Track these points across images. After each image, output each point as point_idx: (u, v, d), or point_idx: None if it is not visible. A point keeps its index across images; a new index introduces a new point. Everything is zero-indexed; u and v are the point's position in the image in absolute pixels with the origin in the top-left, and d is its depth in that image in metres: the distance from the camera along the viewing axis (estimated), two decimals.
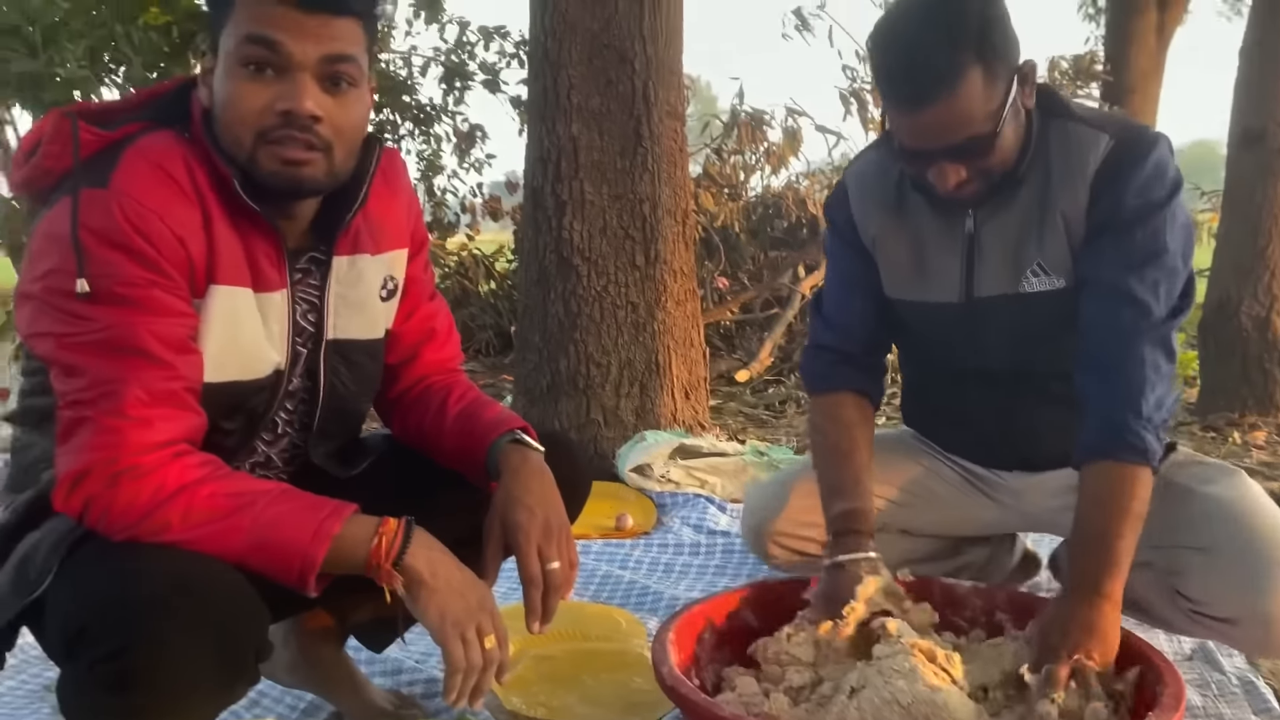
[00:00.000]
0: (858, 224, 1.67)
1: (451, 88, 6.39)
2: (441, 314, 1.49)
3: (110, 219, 1.06)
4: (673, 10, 3.21)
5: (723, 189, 5.99)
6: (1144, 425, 1.40)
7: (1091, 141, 1.48)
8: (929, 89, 1.36)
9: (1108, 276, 1.46)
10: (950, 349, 1.67)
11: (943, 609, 1.55)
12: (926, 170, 1.45)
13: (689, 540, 2.62)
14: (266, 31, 1.10)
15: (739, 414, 4.34)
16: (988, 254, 1.56)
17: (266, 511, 1.08)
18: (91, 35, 3.95)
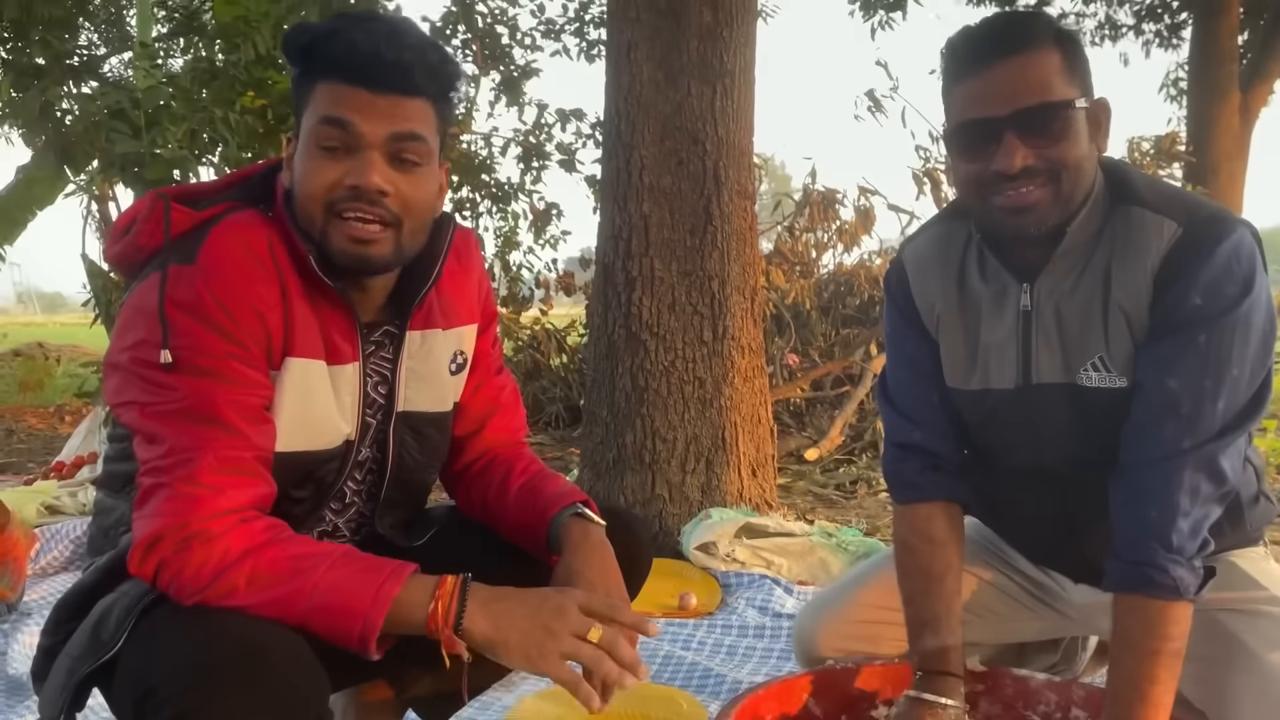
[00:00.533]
0: (919, 304, 1.55)
1: (529, 167, 6.58)
2: (508, 388, 1.52)
3: (195, 293, 1.12)
4: (743, 93, 3.27)
5: (794, 266, 6.01)
6: (1173, 559, 1.28)
7: (1156, 229, 1.33)
8: (1005, 42, 1.29)
9: (1158, 383, 1.31)
10: (1008, 445, 1.53)
11: (1014, 702, 1.49)
12: (993, 154, 1.30)
13: (753, 622, 2.58)
14: (339, 113, 1.16)
15: (808, 493, 4.28)
16: (1045, 335, 1.42)
17: (328, 575, 1.10)
18: (192, 118, 4.17)
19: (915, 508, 1.54)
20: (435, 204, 1.26)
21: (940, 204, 5.67)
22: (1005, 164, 1.30)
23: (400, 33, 1.18)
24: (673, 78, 3.17)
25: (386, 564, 1.13)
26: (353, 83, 1.16)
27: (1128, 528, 1.32)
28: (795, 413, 5.42)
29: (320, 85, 1.18)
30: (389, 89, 1.17)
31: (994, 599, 1.67)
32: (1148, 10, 10.61)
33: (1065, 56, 1.30)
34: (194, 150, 4.08)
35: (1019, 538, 1.68)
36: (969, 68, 1.33)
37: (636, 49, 3.18)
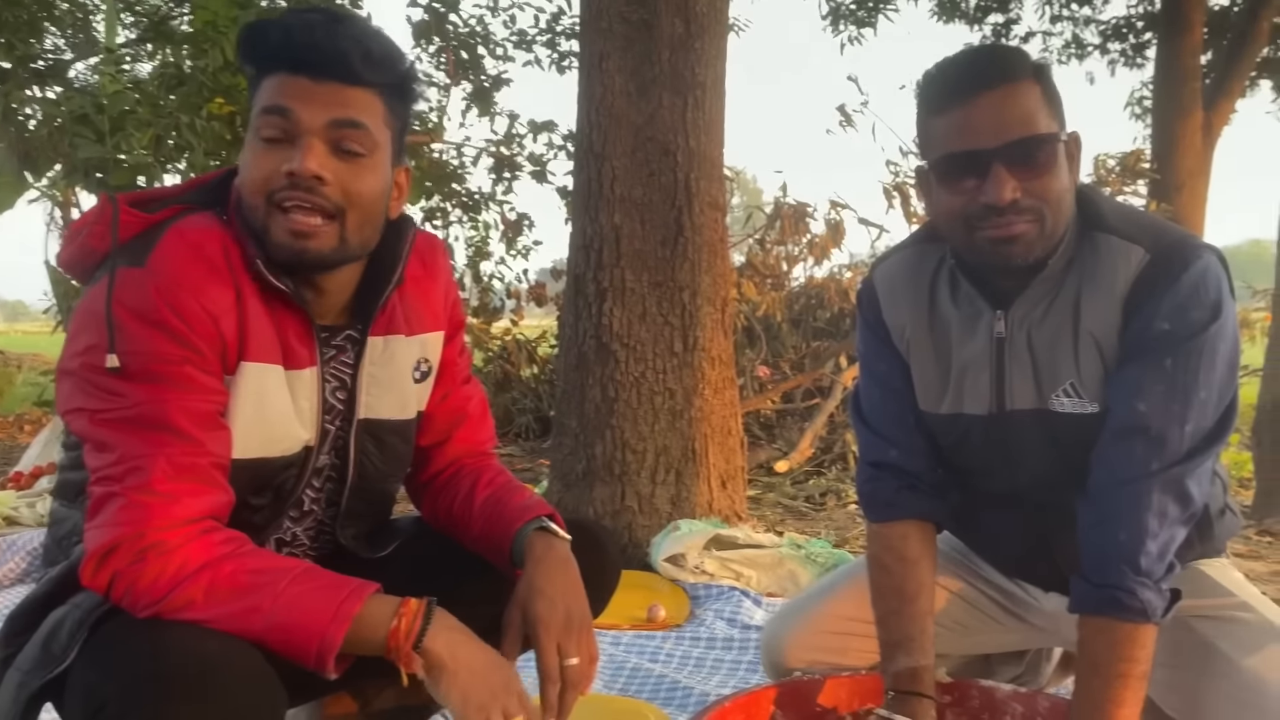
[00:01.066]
0: (889, 326, 1.55)
1: (501, 177, 6.56)
2: (476, 398, 1.50)
3: (145, 297, 1.09)
4: (715, 105, 3.28)
5: (765, 278, 6.03)
6: (1141, 582, 1.28)
7: (1124, 256, 1.34)
8: (989, 74, 1.29)
9: (1127, 407, 1.32)
10: (981, 468, 1.54)
11: (980, 713, 1.49)
12: (979, 187, 1.30)
13: (722, 634, 2.57)
14: (278, 100, 1.14)
15: (778, 505, 4.28)
16: (1018, 362, 1.43)
17: (287, 591, 1.08)
18: (158, 124, 4.12)
19: (890, 526, 1.54)
20: (387, 202, 1.24)
21: (910, 218, 5.72)
22: (995, 196, 1.29)
23: (340, 22, 1.17)
24: (644, 89, 3.17)
25: (348, 582, 1.11)
26: (294, 72, 1.15)
27: (1096, 550, 1.33)
28: (765, 425, 5.43)
29: (266, 79, 1.17)
30: (329, 77, 1.15)
31: (963, 612, 1.67)
32: (1113, 30, 10.77)
33: (1044, 90, 1.31)
34: (159, 157, 4.03)
35: (992, 552, 1.68)
36: (953, 99, 1.32)
37: (608, 60, 3.18)
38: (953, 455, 1.55)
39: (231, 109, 4.39)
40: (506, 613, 1.26)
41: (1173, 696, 1.43)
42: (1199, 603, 1.44)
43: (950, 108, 1.32)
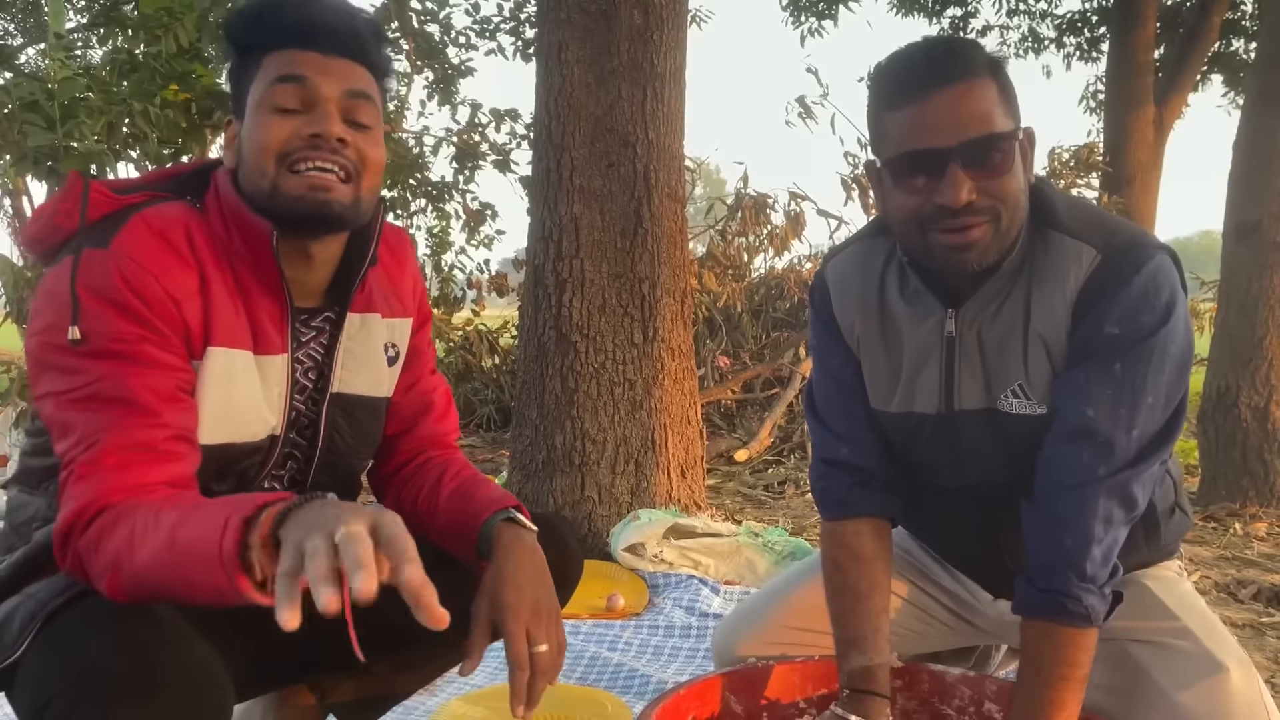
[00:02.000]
0: (840, 322, 1.53)
1: (463, 167, 6.52)
2: (441, 389, 1.51)
3: (107, 277, 1.10)
4: (675, 96, 3.29)
5: (726, 269, 6.06)
6: (1085, 588, 1.28)
7: (1075, 256, 1.31)
8: (947, 70, 1.25)
9: (1074, 410, 1.30)
10: (931, 465, 1.52)
11: (930, 698, 1.52)
12: (935, 187, 1.26)
13: (680, 622, 2.59)
14: (297, 70, 1.17)
15: (737, 494, 4.31)
16: (968, 362, 1.41)
17: (189, 515, 0.99)
18: (110, 111, 4.05)
19: (843, 524, 1.52)
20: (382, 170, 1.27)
21: (868, 210, 5.77)
22: (951, 197, 1.25)
23: (348, 6, 1.23)
24: (603, 80, 3.17)
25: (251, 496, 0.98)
26: (306, 48, 1.18)
27: (1041, 553, 1.32)
28: (725, 414, 5.47)
29: (270, 56, 1.19)
30: (340, 53, 1.19)
31: (911, 617, 1.68)
32: (1068, 24, 10.92)
33: (1000, 85, 1.27)
34: (112, 145, 3.96)
35: (943, 548, 1.69)
36: (908, 95, 1.27)
37: (567, 50, 3.18)
38: (903, 452, 1.55)
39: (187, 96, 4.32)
40: (475, 601, 1.26)
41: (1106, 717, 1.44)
42: (1138, 624, 1.43)
43: (905, 104, 1.27)
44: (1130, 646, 1.42)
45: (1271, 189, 4.14)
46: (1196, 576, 3.19)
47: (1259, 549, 3.58)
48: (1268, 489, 4.11)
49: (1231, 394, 4.19)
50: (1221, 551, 3.52)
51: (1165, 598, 1.47)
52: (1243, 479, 4.14)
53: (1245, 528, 3.86)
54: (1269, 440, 4.13)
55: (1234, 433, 4.18)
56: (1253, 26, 9.48)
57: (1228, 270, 4.32)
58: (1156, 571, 1.52)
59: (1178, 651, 1.40)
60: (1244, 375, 4.17)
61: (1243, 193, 4.25)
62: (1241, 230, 4.21)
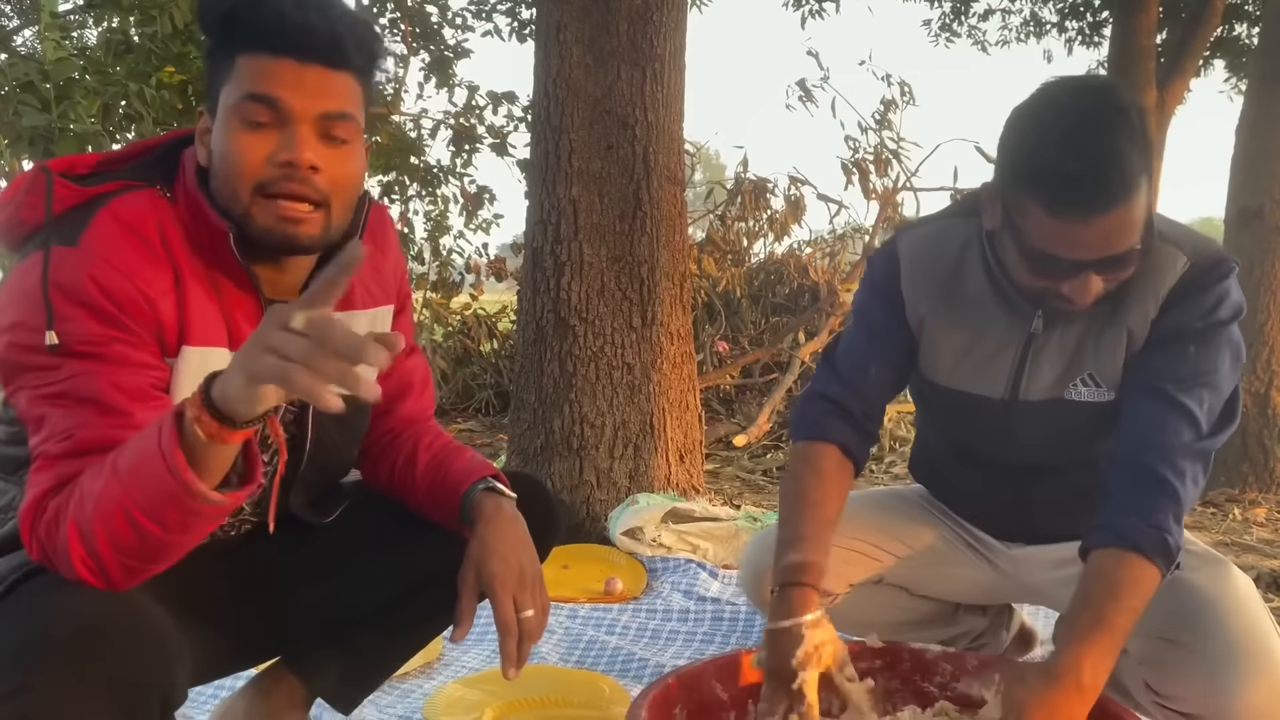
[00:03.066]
0: (906, 299, 1.59)
1: (460, 150, 6.48)
2: (419, 368, 1.50)
3: (76, 278, 1.07)
4: (674, 78, 3.26)
5: (725, 254, 6.04)
6: (1179, 531, 1.37)
7: (1170, 261, 1.45)
8: (1114, 194, 1.28)
9: (1159, 384, 1.43)
10: (979, 444, 1.62)
11: (911, 675, 1.52)
12: (1066, 282, 1.36)
13: (678, 606, 2.59)
14: (266, 90, 1.11)
15: (735, 479, 4.31)
16: (1045, 358, 1.52)
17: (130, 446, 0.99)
18: (106, 92, 4.02)
19: (811, 444, 1.59)
20: (360, 182, 1.23)
21: (868, 194, 5.74)
22: (1081, 299, 1.38)
23: (329, 3, 1.14)
24: (602, 61, 3.15)
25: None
26: (279, 54, 1.11)
27: (1135, 499, 1.38)
28: (725, 399, 5.46)
29: (243, 58, 1.12)
30: (318, 61, 1.12)
31: (937, 542, 1.76)
32: (1070, 8, 10.86)
33: (1148, 175, 1.31)
34: (108, 126, 3.93)
35: (967, 509, 1.76)
36: (1066, 210, 1.29)
37: (565, 30, 3.15)
38: (958, 428, 1.64)
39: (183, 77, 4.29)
40: (461, 572, 1.29)
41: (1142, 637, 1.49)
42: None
43: (1062, 219, 1.30)
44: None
45: (1273, 174, 4.12)
46: None
47: (1258, 534, 3.58)
48: (1267, 475, 4.11)
49: None
50: (1221, 537, 3.52)
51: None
52: (1242, 464, 4.14)
53: (1244, 513, 3.86)
54: (1269, 426, 4.12)
55: None
56: (1256, 11, 9.42)
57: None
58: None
59: (1187, 550, 1.48)
60: (1245, 362, 4.16)
61: (1245, 178, 4.22)
62: (1243, 215, 4.19)
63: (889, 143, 5.71)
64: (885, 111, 5.73)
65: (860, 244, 6.07)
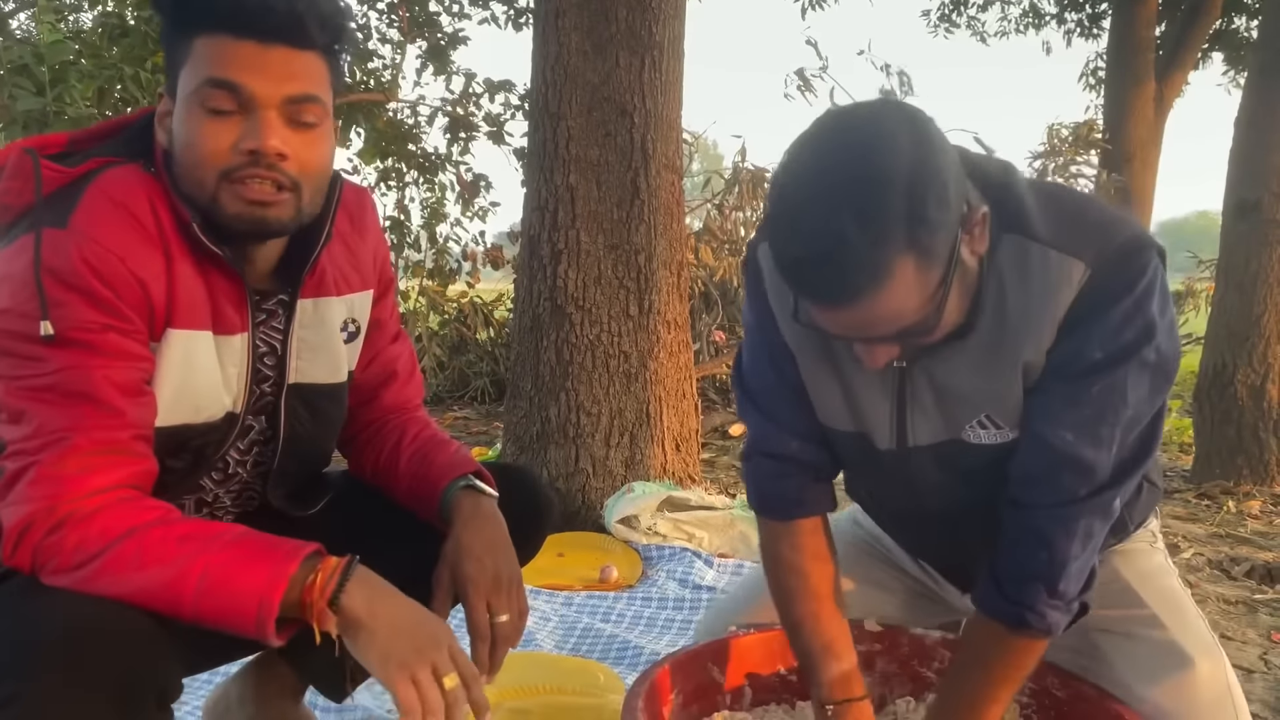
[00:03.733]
0: (779, 324, 1.35)
1: (456, 138, 6.46)
2: (404, 355, 1.46)
3: (68, 261, 1.03)
4: (673, 66, 3.25)
5: (723, 244, 6.03)
6: (1054, 604, 1.22)
7: (1063, 275, 1.16)
8: (849, 290, 1.06)
9: (1052, 433, 1.20)
10: (887, 490, 1.44)
11: (909, 661, 1.52)
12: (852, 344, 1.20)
13: (673, 594, 2.59)
14: (228, 75, 1.07)
15: (731, 468, 4.31)
16: (921, 398, 1.28)
17: (220, 555, 1.03)
18: (101, 76, 4.00)
19: (799, 524, 1.39)
20: (330, 165, 1.20)
21: None
22: (870, 362, 1.19)
23: None
24: (601, 48, 3.13)
25: (284, 543, 1.06)
26: (240, 35, 1.06)
27: (1013, 564, 1.25)
28: (721, 389, 5.46)
29: (201, 39, 1.08)
30: (280, 41, 1.08)
31: (884, 605, 1.61)
32: (1070, 0, 10.84)
33: (920, 253, 1.05)
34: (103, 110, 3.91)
35: (908, 548, 1.61)
36: (806, 297, 1.12)
37: (564, 17, 3.14)
38: (855, 472, 1.46)
39: None
40: (436, 572, 1.26)
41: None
42: (1106, 613, 1.37)
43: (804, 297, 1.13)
44: (1097, 636, 1.39)
45: (1271, 167, 4.12)
46: (1190, 553, 3.19)
47: (1252, 526, 3.59)
48: (1262, 467, 4.12)
49: (1228, 372, 4.18)
50: (1215, 529, 3.53)
51: (1134, 580, 1.42)
52: (1237, 457, 4.14)
53: (1239, 505, 3.87)
54: (1264, 418, 4.13)
55: (1229, 410, 4.17)
56: (1255, 4, 9.41)
57: (1226, 248, 4.30)
58: (1127, 545, 1.46)
59: (1144, 642, 1.36)
60: (1240, 353, 4.16)
61: (1243, 170, 4.22)
62: (1241, 208, 4.19)
63: None
64: None
65: None
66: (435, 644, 1.07)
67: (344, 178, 1.28)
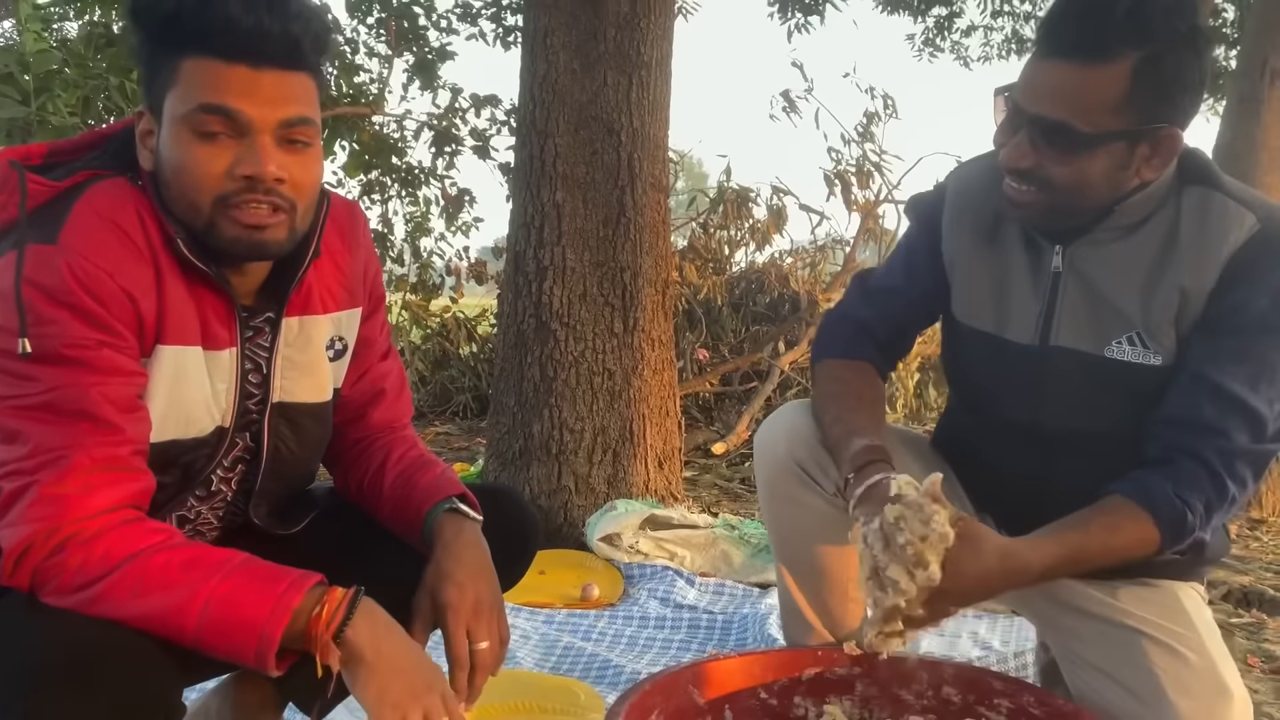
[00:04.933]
0: (944, 233, 1.52)
1: (441, 152, 6.46)
2: (394, 373, 1.46)
3: (58, 277, 1.03)
4: (660, 86, 3.27)
5: (707, 262, 6.05)
6: (1198, 519, 1.28)
7: (1236, 219, 1.30)
8: (1078, 44, 1.23)
9: (1224, 380, 1.30)
10: (1006, 396, 1.50)
11: (889, 683, 1.52)
12: (1007, 139, 1.32)
13: (655, 613, 2.58)
14: (222, 101, 1.06)
15: (714, 486, 4.31)
16: (1072, 301, 1.40)
17: (224, 585, 1.02)
18: (86, 85, 3.98)
19: (842, 361, 1.55)
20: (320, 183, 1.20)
21: (850, 206, 5.77)
22: (1006, 157, 1.32)
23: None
24: (589, 66, 3.15)
25: (288, 573, 1.06)
26: (231, 59, 1.06)
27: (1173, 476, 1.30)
28: (704, 407, 5.46)
29: (189, 62, 1.07)
30: (273, 65, 1.07)
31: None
32: None
33: (1138, 77, 1.22)
34: (87, 119, 3.90)
35: (984, 488, 1.63)
36: (1040, 46, 1.29)
37: (553, 35, 3.15)
38: (978, 376, 1.55)
39: None
40: (416, 597, 1.25)
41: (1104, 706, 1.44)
42: (1161, 621, 1.44)
43: (1034, 56, 1.30)
44: (1145, 643, 1.42)
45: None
46: None
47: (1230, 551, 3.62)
48: None
49: None
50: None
51: (1190, 608, 1.47)
52: None
53: None
54: None
55: None
56: (1234, 34, 9.55)
57: None
58: (1187, 589, 1.51)
59: (1189, 663, 1.40)
60: None
61: None
62: None
63: (871, 155, 5.76)
64: (868, 124, 5.77)
65: (841, 255, 6.10)
66: (429, 689, 1.09)
67: (332, 192, 1.29)
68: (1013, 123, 1.31)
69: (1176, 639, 1.43)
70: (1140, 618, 1.42)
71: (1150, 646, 1.43)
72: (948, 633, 2.49)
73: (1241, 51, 4.75)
